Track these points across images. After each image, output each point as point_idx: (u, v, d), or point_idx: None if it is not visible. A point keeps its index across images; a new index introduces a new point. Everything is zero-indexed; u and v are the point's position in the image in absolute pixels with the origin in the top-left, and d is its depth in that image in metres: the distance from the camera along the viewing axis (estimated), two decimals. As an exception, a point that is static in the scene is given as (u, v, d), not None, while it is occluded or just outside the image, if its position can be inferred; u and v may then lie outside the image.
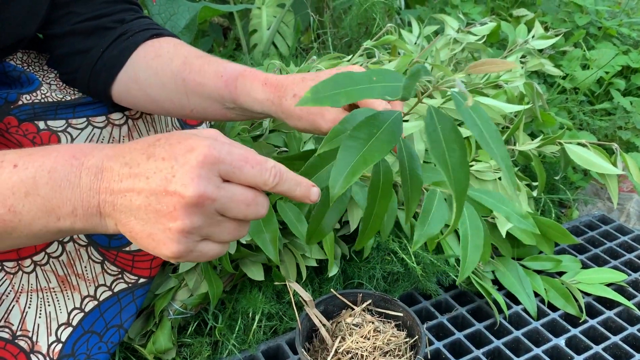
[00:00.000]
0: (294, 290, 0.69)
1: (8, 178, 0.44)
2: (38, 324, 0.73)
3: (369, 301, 0.73)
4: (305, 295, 0.68)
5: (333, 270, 0.85)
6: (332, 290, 0.74)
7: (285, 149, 0.90)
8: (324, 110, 0.62)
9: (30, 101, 0.69)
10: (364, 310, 0.72)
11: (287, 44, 1.70)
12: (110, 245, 0.75)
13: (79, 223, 0.45)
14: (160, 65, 0.68)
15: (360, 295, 0.74)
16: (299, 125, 0.65)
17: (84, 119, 0.72)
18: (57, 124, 0.70)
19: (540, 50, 1.33)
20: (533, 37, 1.32)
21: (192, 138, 0.44)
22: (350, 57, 1.02)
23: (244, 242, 0.81)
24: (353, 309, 0.72)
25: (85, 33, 0.69)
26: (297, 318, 0.70)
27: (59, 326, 0.73)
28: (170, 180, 0.43)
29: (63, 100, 0.71)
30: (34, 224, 0.45)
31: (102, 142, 0.73)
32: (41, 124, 0.69)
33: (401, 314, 0.72)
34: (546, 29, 1.51)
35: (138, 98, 0.71)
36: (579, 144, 0.94)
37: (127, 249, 0.76)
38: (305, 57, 1.62)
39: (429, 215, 0.60)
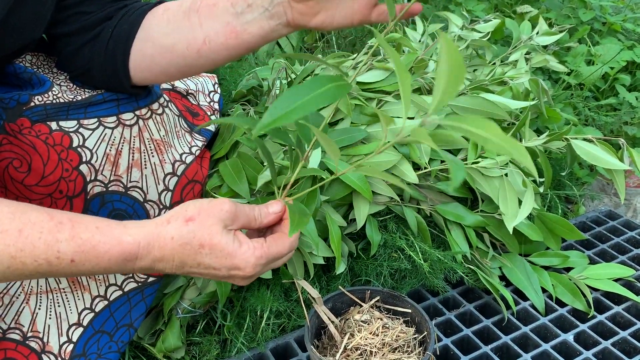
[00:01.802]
0: (302, 287, 0.70)
1: (67, 267, 0.52)
2: (49, 325, 0.73)
3: (377, 298, 0.74)
4: (314, 292, 0.68)
5: (340, 268, 0.85)
6: (340, 287, 0.74)
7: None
8: None
9: (42, 102, 0.70)
10: (372, 307, 0.72)
11: (291, 43, 1.70)
12: (120, 245, 0.75)
13: None
14: (171, 13, 0.69)
15: (369, 292, 0.74)
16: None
17: (95, 119, 0.72)
18: (68, 124, 0.71)
19: (545, 47, 1.33)
20: (537, 33, 1.31)
21: (235, 257, 0.56)
22: (354, 55, 1.02)
23: (252, 241, 0.81)
24: (361, 306, 0.72)
25: (92, 26, 0.70)
26: (306, 315, 0.70)
27: (70, 326, 0.74)
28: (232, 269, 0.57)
29: (74, 100, 0.72)
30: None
31: (113, 141, 0.73)
32: (53, 125, 0.70)
33: (409, 310, 0.72)
34: (550, 25, 1.51)
35: (153, 55, 0.70)
36: (585, 139, 0.94)
37: (137, 248, 0.76)
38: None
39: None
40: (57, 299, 0.74)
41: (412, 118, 0.96)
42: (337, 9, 0.64)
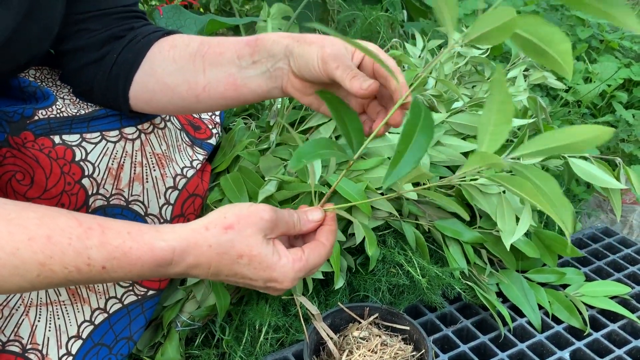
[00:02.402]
0: (301, 303, 0.70)
1: (98, 274, 0.51)
2: (48, 337, 0.74)
3: (376, 315, 0.74)
4: (313, 308, 0.69)
5: (339, 283, 0.86)
6: (339, 303, 0.75)
7: (292, 162, 0.91)
8: (325, 47, 0.59)
9: (46, 116, 0.70)
10: (370, 324, 0.73)
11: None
12: (121, 258, 0.76)
13: None
14: (177, 52, 0.69)
15: (367, 308, 0.74)
16: (304, 54, 0.60)
17: (98, 133, 0.73)
18: (71, 138, 0.71)
19: (543, 64, 1.34)
20: (536, 50, 1.33)
21: (274, 270, 0.54)
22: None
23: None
24: (360, 323, 0.73)
25: (98, 44, 0.71)
26: (305, 331, 0.71)
27: (69, 339, 0.74)
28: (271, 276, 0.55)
29: (78, 114, 0.72)
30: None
31: (115, 155, 0.73)
32: (56, 139, 0.70)
33: (407, 328, 0.72)
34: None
35: (155, 91, 0.70)
36: (582, 157, 0.95)
37: (138, 261, 0.77)
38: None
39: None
40: (57, 312, 0.74)
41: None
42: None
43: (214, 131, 0.92)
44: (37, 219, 0.50)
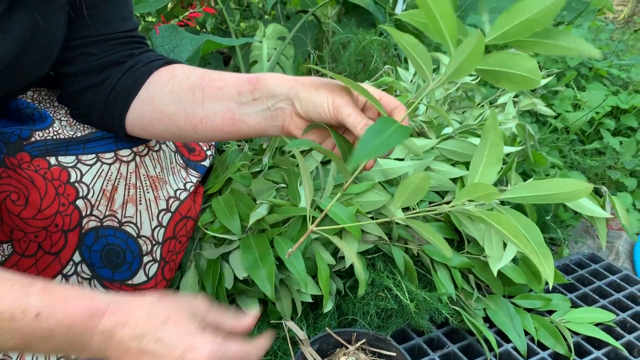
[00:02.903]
0: (289, 327, 0.71)
1: (28, 324, 0.50)
2: None
3: (363, 340, 0.75)
4: (301, 333, 0.70)
5: (328, 306, 0.86)
6: (327, 328, 0.76)
7: (283, 185, 0.92)
8: (335, 94, 0.61)
9: (43, 138, 0.71)
10: (358, 349, 0.73)
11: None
12: (114, 279, 0.76)
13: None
14: (177, 83, 0.70)
15: (355, 334, 0.75)
16: (313, 99, 0.62)
17: (93, 155, 0.74)
18: (67, 159, 0.72)
19: (533, 90, 1.37)
20: (526, 77, 1.36)
21: (195, 337, 0.52)
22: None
23: (241, 278, 0.83)
24: (347, 348, 0.74)
25: (97, 69, 0.72)
26: (292, 354, 0.71)
27: None
28: None
29: (74, 136, 0.73)
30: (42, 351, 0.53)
31: (109, 177, 0.74)
32: (52, 160, 0.71)
33: (394, 354, 0.73)
34: (539, 68, 1.55)
35: (152, 119, 0.72)
36: (569, 186, 0.97)
37: (130, 282, 0.78)
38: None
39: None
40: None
41: (402, 159, 0.99)
42: (328, 140, 0.66)
43: (209, 153, 0.94)
44: None
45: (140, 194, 0.78)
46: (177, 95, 0.69)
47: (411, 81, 1.29)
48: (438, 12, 0.51)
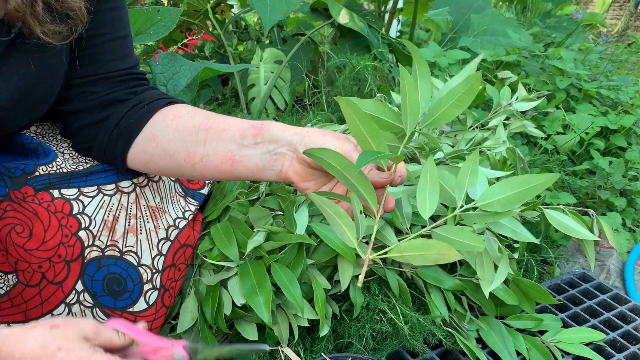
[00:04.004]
0: (286, 355, 0.73)
1: None
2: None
3: (358, 365, 0.77)
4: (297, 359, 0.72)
5: (324, 330, 0.89)
6: (322, 354, 0.78)
7: (280, 212, 0.95)
8: (342, 140, 0.66)
9: (47, 172, 0.74)
10: (352, 374, 0.76)
11: (283, 98, 1.77)
12: (115, 307, 0.79)
13: None
14: (181, 123, 0.73)
15: (349, 359, 0.78)
16: (320, 143, 0.66)
17: (95, 187, 0.77)
18: (70, 192, 0.75)
19: (524, 112, 1.40)
20: (517, 99, 1.39)
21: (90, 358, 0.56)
22: (343, 126, 1.08)
23: (239, 305, 0.85)
24: (342, 372, 0.76)
25: (100, 106, 0.75)
26: (290, 380, 0.74)
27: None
28: None
29: (76, 170, 0.76)
30: None
31: (111, 208, 0.77)
32: (55, 193, 0.74)
33: (388, 378, 0.75)
34: (529, 90, 1.59)
35: (153, 155, 0.74)
36: (558, 207, 1.00)
37: (131, 309, 0.80)
38: (299, 112, 1.69)
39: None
40: None
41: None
42: (325, 187, 0.70)
43: (207, 181, 0.96)
44: None
45: (140, 224, 0.81)
46: (180, 134, 0.72)
47: (404, 105, 1.32)
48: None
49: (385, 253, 0.66)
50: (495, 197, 0.75)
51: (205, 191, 0.94)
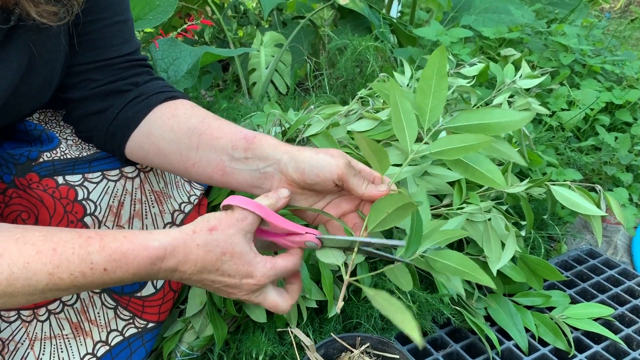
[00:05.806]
0: (295, 334, 0.74)
1: (99, 277, 0.56)
2: (51, 369, 0.76)
3: (367, 344, 0.77)
4: (306, 339, 0.72)
5: (332, 311, 0.89)
6: (331, 333, 0.78)
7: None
8: (336, 157, 0.64)
9: (51, 158, 0.74)
10: (362, 353, 0.76)
11: (285, 82, 1.76)
12: (123, 291, 0.79)
13: None
14: (176, 123, 0.72)
15: (359, 338, 0.78)
16: (312, 161, 0.65)
17: (99, 172, 0.76)
18: (74, 178, 0.75)
19: (527, 89, 1.39)
20: (520, 76, 1.38)
21: (251, 265, 0.60)
22: (345, 107, 1.07)
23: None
24: (352, 352, 0.76)
25: (101, 96, 0.74)
26: (299, 359, 0.74)
27: (73, 371, 0.77)
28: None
29: (80, 156, 0.76)
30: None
31: (115, 194, 0.77)
32: (60, 179, 0.74)
33: (398, 357, 0.76)
34: (533, 67, 1.57)
35: (148, 152, 0.74)
36: (565, 183, 0.99)
37: (139, 294, 0.80)
38: (302, 95, 1.68)
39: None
40: (60, 345, 0.77)
41: (400, 165, 1.01)
42: (316, 205, 0.69)
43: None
44: (42, 236, 0.55)
45: (145, 209, 0.80)
46: (175, 135, 0.71)
47: (407, 85, 1.31)
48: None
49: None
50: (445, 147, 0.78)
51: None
